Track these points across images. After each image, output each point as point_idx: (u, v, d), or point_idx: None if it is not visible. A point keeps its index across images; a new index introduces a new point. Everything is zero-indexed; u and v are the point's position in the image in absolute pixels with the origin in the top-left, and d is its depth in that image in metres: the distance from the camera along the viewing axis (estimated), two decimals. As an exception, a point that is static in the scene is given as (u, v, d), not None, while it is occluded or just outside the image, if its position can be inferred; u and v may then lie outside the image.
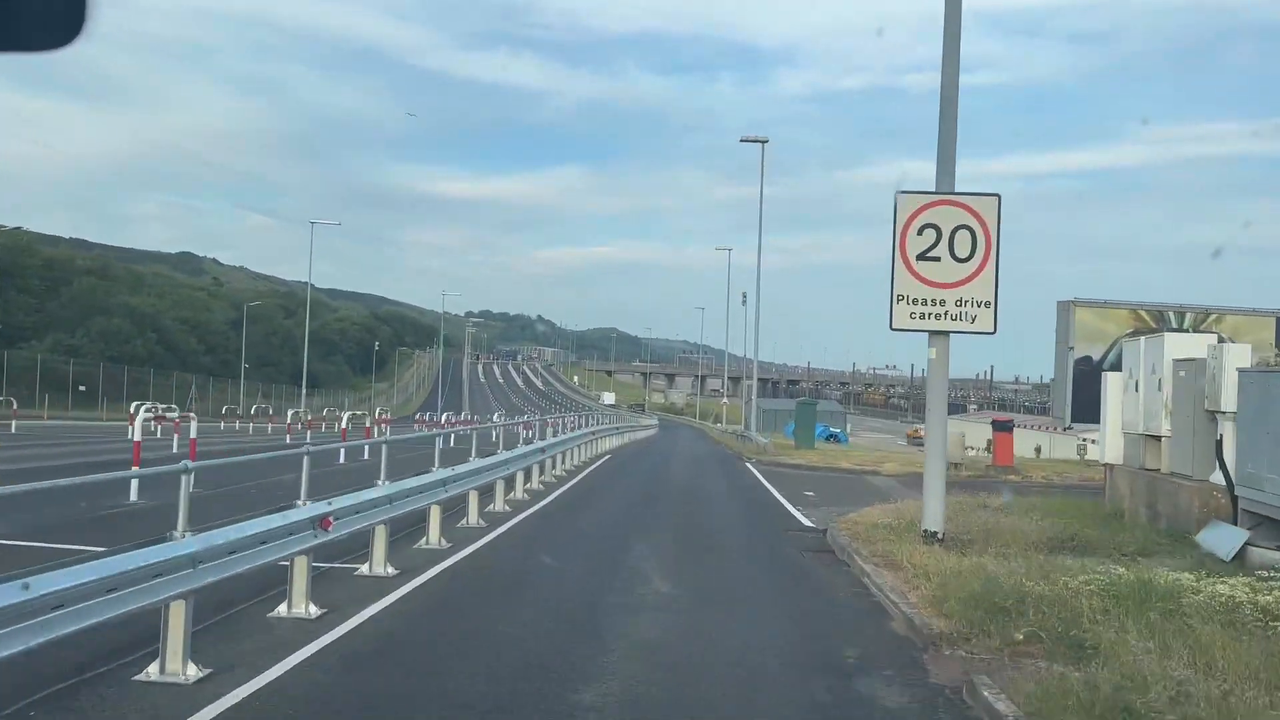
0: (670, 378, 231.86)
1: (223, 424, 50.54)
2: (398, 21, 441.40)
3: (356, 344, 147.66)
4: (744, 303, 64.13)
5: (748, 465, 36.44)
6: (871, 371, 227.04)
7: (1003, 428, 33.97)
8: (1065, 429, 32.10)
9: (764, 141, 47.80)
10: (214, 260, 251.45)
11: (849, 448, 54.39)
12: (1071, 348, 24.85)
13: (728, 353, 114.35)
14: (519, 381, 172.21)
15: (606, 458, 37.73)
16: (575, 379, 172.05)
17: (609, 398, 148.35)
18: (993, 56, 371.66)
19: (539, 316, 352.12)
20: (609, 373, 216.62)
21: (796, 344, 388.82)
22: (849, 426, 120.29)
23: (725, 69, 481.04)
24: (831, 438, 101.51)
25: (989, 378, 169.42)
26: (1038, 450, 48.96)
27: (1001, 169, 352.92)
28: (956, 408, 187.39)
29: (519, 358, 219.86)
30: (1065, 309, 25.14)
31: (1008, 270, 12.16)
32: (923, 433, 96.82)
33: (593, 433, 36.50)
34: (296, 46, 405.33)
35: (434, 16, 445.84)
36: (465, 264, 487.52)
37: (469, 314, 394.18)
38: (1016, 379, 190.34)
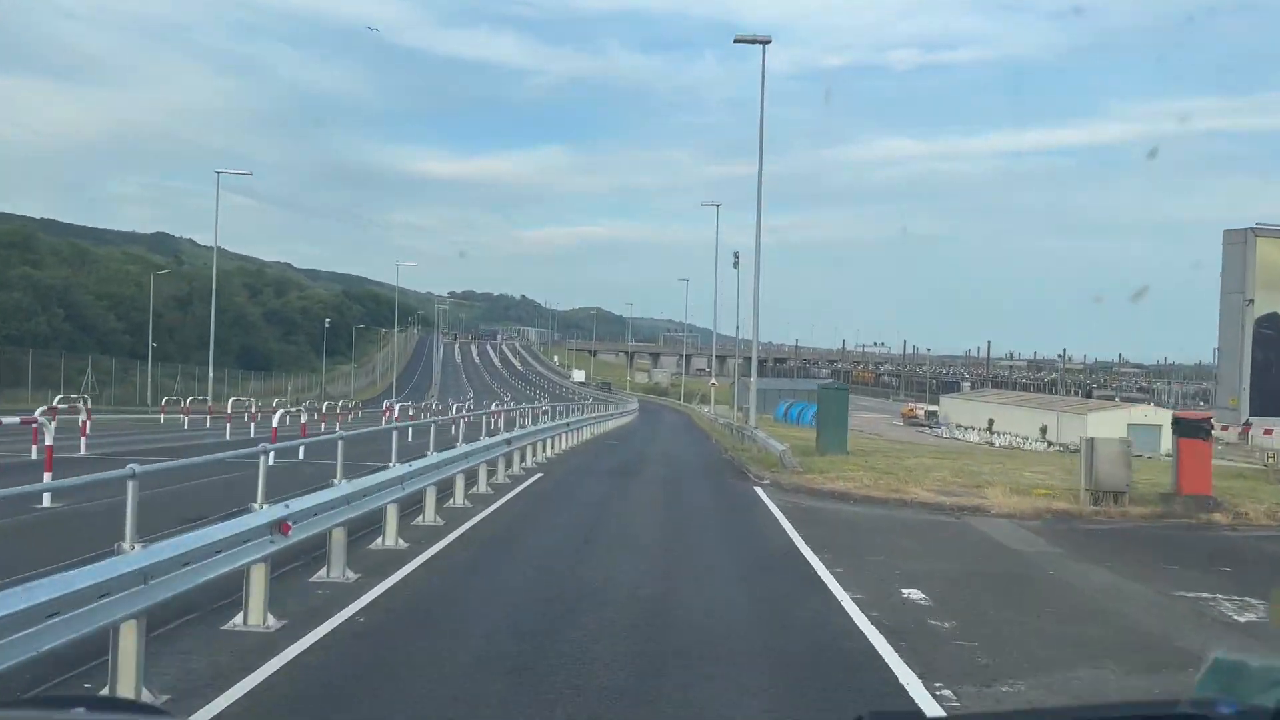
0: (655, 357, 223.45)
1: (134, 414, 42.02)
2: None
3: (323, 323, 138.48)
4: (736, 265, 54.80)
5: (759, 493, 21.50)
6: (860, 349, 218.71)
7: (1195, 431, 17.67)
8: (1241, 427, 21.93)
9: (766, 42, 36.20)
10: (190, 240, 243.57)
11: (868, 438, 45.56)
12: (1250, 300, 15.96)
13: (715, 332, 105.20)
14: (496, 362, 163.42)
15: (559, 463, 28.54)
16: (555, 359, 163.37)
17: (578, 375, 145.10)
18: (975, 33, 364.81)
19: (523, 296, 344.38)
20: (592, 352, 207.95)
21: (781, 322, 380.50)
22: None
23: (708, 46, 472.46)
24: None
25: (985, 354, 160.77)
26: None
27: (982, 147, 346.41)
28: (950, 385, 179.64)
29: (498, 337, 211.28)
30: (1238, 241, 16.16)
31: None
32: (918, 411, 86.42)
33: (536, 432, 27.31)
34: (275, 24, 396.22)
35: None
36: (448, 244, 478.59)
37: (451, 294, 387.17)
38: (1011, 355, 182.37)
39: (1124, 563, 12.76)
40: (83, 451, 21.21)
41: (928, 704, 6.65)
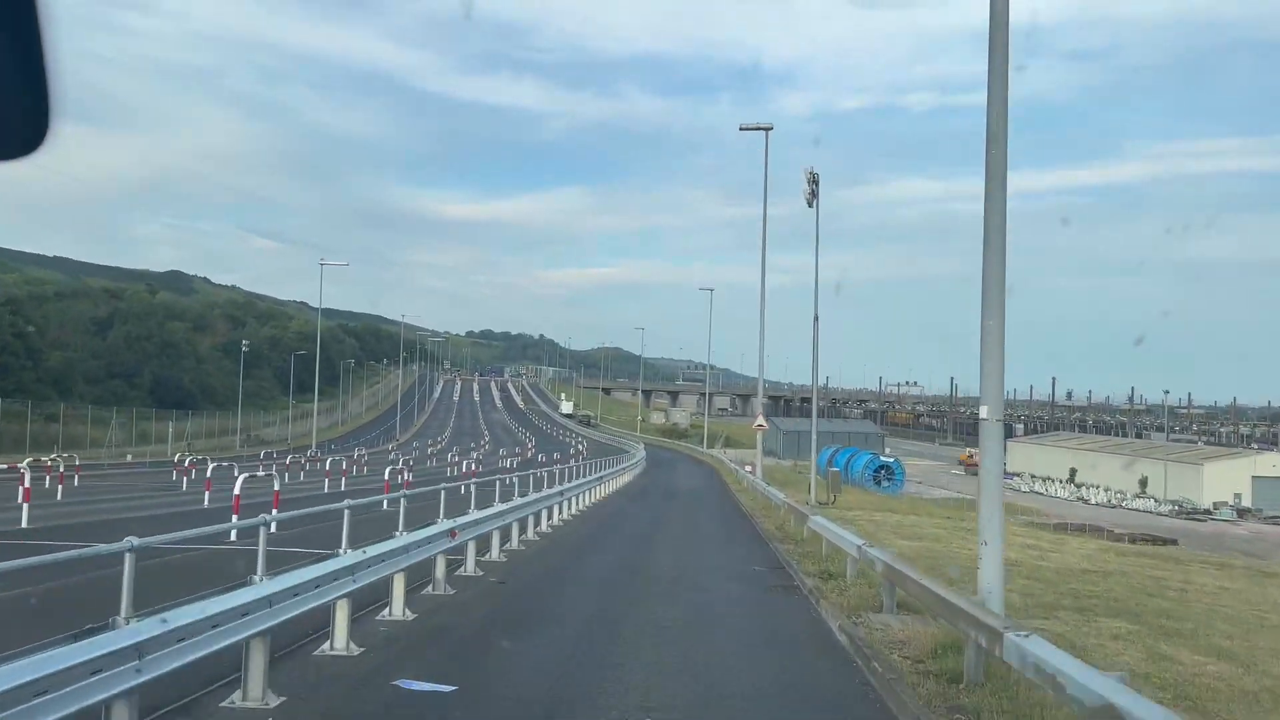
0: (673, 396, 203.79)
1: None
2: (399, 45, 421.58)
3: (308, 356, 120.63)
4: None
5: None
6: (899, 389, 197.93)
7: None
8: None
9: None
10: (204, 279, 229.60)
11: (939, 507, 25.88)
12: None
13: (762, 371, 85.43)
14: (497, 400, 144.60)
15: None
16: (562, 396, 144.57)
17: (566, 406, 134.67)
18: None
19: (541, 336, 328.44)
20: (606, 390, 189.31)
21: (798, 363, 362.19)
22: (886, 451, 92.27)
23: (725, 89, 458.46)
24: (882, 471, 72.80)
25: (1050, 395, 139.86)
26: None
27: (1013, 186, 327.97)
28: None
29: (504, 374, 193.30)
30: None
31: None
32: (976, 459, 44.79)
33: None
34: (300, 70, 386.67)
35: (435, 40, 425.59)
36: (469, 284, 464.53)
37: (469, 333, 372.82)
38: (1069, 394, 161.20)
39: None
40: None
41: None
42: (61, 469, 29.49)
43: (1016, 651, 6.71)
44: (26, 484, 20.75)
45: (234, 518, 14.93)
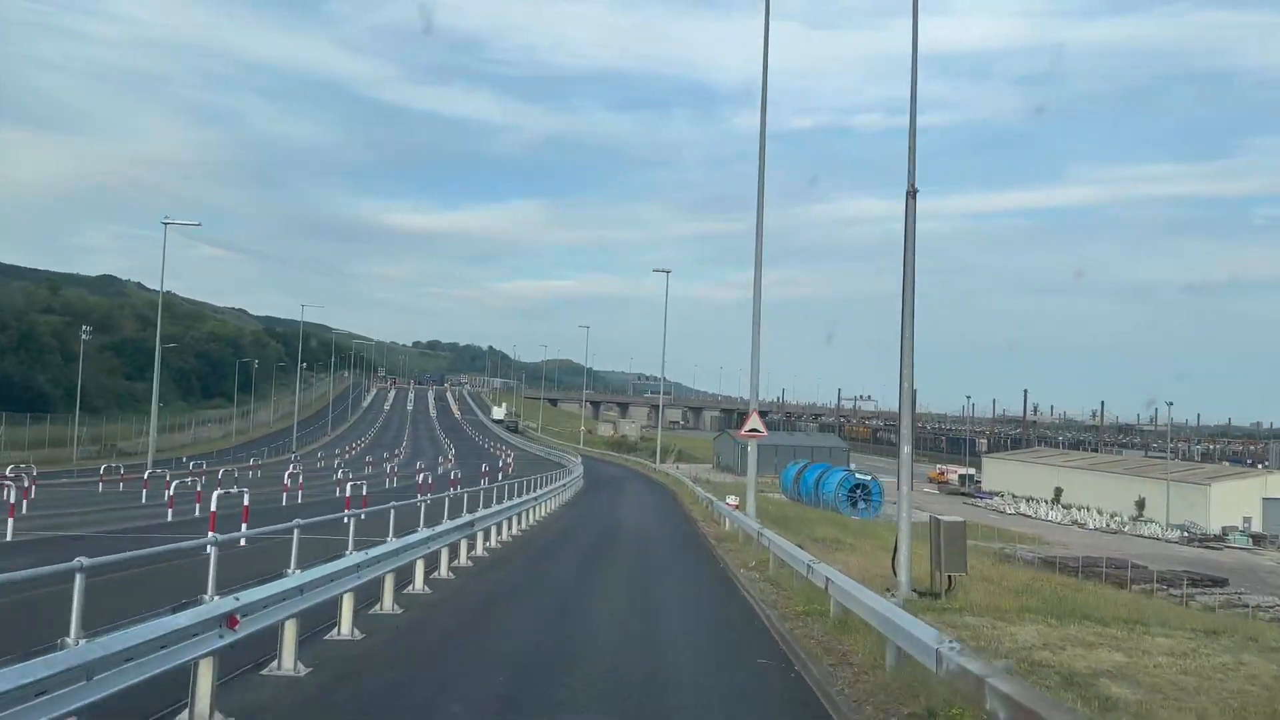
0: (623, 407, 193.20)
1: None
2: (352, 54, 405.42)
3: (211, 360, 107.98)
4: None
5: None
6: (854, 403, 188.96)
7: None
8: None
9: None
10: (138, 284, 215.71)
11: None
12: None
13: (756, 355, 74.97)
14: (431, 408, 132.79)
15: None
16: (503, 405, 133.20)
17: (498, 412, 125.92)
18: (942, 97, 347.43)
19: (490, 348, 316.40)
20: (553, 401, 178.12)
21: (748, 376, 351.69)
22: (851, 465, 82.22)
23: (679, 106, 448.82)
24: (858, 491, 62.71)
25: (1024, 410, 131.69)
26: None
27: (948, 207, 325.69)
28: (956, 443, 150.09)
29: (445, 383, 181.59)
30: None
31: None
32: (949, 476, 52.99)
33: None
34: (249, 77, 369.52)
35: (389, 50, 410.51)
36: (421, 296, 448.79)
37: (417, 344, 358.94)
38: (1035, 409, 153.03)
39: None
40: None
41: None
42: None
43: None
44: None
45: None
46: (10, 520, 19.60)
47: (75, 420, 57.60)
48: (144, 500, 29.68)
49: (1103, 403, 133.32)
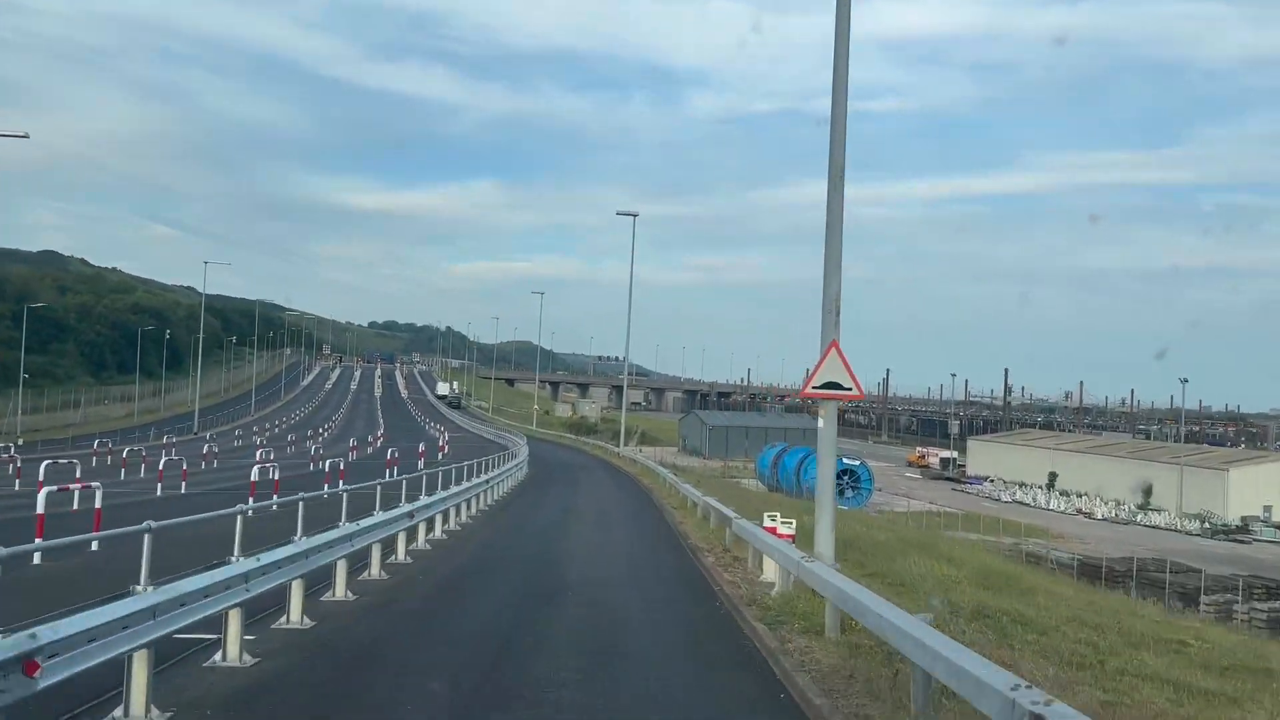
0: (583, 388, 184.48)
1: None
2: (304, 30, 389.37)
3: (129, 334, 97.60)
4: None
5: None
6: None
7: None
8: None
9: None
10: (82, 260, 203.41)
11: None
12: None
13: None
14: (377, 386, 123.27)
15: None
16: (454, 384, 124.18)
17: (443, 388, 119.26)
18: (896, 83, 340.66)
19: (448, 328, 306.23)
20: (510, 381, 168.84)
21: (713, 360, 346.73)
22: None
23: (638, 89, 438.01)
24: (845, 478, 54.80)
25: (1007, 391, 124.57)
26: None
27: (904, 193, 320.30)
28: (930, 425, 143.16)
29: (396, 361, 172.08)
30: None
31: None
32: (930, 460, 56.27)
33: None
34: (200, 52, 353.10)
35: (342, 26, 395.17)
36: (376, 277, 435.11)
37: (373, 324, 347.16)
38: (1008, 392, 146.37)
39: None
40: None
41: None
42: None
43: None
44: None
45: None
46: None
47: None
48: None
49: (1081, 383, 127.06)
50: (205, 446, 41.81)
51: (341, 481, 21.15)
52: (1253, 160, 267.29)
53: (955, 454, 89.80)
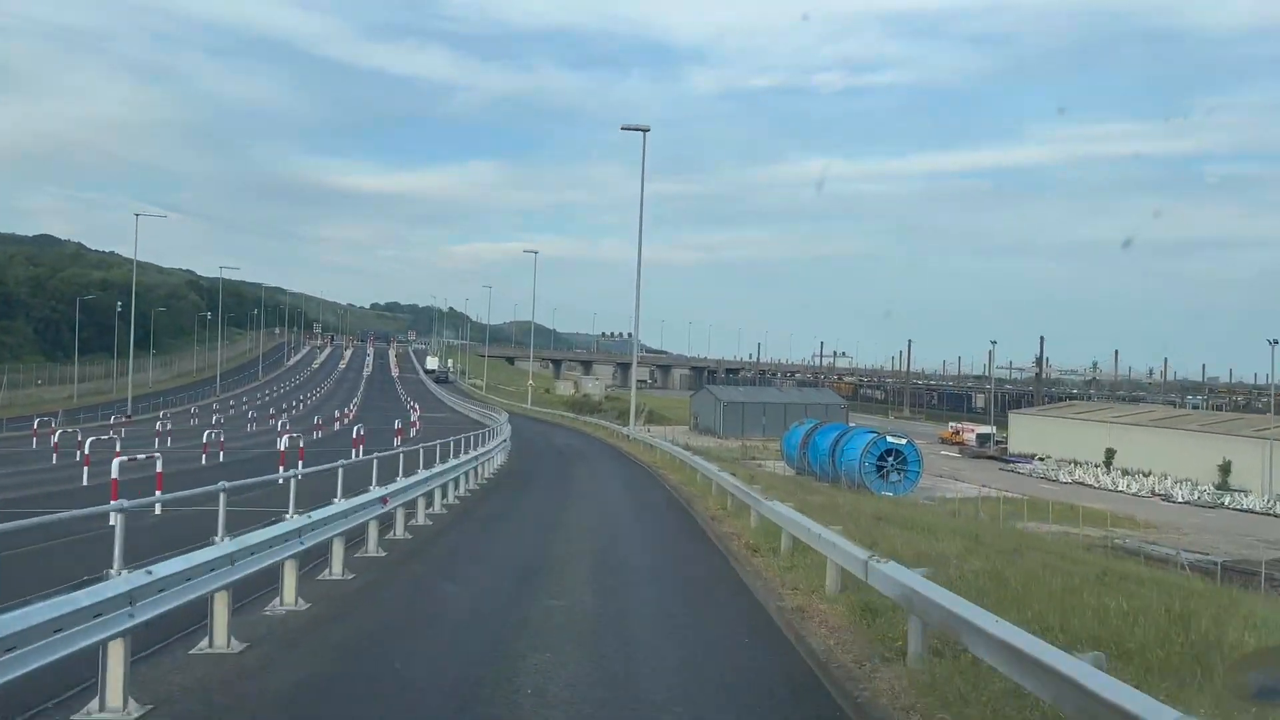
0: (587, 365, 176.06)
1: None
2: (299, 10, 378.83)
3: (93, 313, 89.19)
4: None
5: None
6: (833, 359, 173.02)
7: None
8: None
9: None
10: (78, 244, 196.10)
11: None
12: None
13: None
14: (368, 365, 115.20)
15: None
16: (450, 363, 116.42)
17: (432, 362, 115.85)
18: (897, 56, 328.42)
19: (450, 309, 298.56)
20: (510, 360, 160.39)
21: (717, 337, 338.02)
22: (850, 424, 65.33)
23: (636, 65, 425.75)
24: (889, 458, 46.33)
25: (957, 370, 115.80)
26: None
27: (905, 167, 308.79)
28: (955, 400, 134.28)
29: (389, 340, 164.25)
30: None
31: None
32: (966, 436, 54.25)
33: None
34: (196, 35, 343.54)
35: (337, 5, 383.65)
36: (377, 259, 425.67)
37: (375, 305, 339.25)
38: (1010, 363, 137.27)
39: None
40: None
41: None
42: None
43: None
44: None
45: None
46: None
47: None
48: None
49: (1116, 352, 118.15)
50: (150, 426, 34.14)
51: (301, 463, 19.89)
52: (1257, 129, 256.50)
53: (993, 429, 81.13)
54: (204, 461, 26.10)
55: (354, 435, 26.53)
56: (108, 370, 70.75)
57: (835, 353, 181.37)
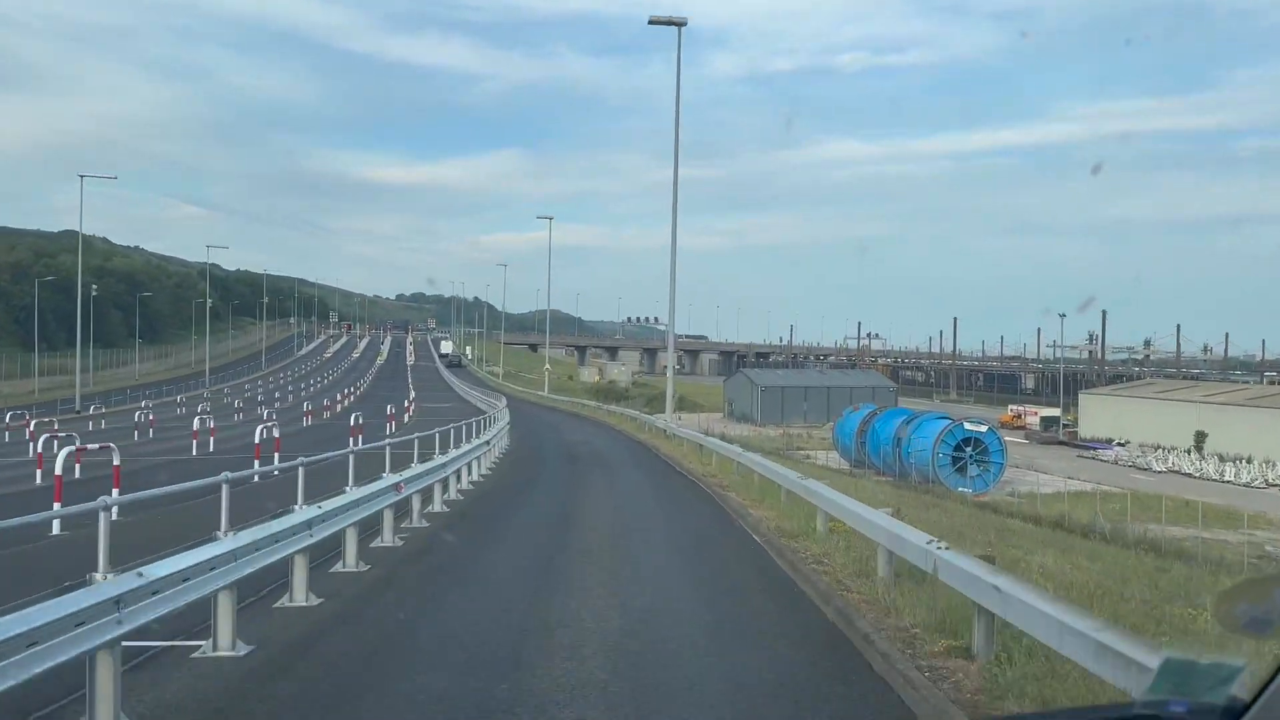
0: (612, 351, 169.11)
1: None
2: (321, 3, 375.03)
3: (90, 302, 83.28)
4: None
5: None
6: (868, 341, 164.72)
7: None
8: None
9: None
10: (103, 239, 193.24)
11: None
12: None
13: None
14: (383, 353, 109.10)
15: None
16: (468, 350, 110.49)
17: (446, 346, 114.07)
18: (922, 35, 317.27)
19: (475, 298, 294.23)
20: (533, 347, 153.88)
21: (747, 320, 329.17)
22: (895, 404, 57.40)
23: (656, 51, 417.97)
24: (967, 448, 38.81)
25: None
26: None
27: (931, 148, 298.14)
28: (1006, 380, 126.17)
29: (408, 328, 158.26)
30: None
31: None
32: (1027, 419, 50.38)
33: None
34: (219, 30, 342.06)
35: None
36: (403, 250, 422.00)
37: (400, 296, 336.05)
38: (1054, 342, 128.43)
39: None
40: None
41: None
42: None
43: None
44: None
45: None
46: None
47: None
48: None
49: (1179, 326, 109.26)
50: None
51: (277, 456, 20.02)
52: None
53: (1057, 413, 73.18)
54: (194, 452, 25.63)
55: (352, 423, 25.64)
56: (85, 364, 64.49)
57: (870, 334, 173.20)
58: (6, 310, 68.71)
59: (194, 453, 25.99)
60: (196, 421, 28.30)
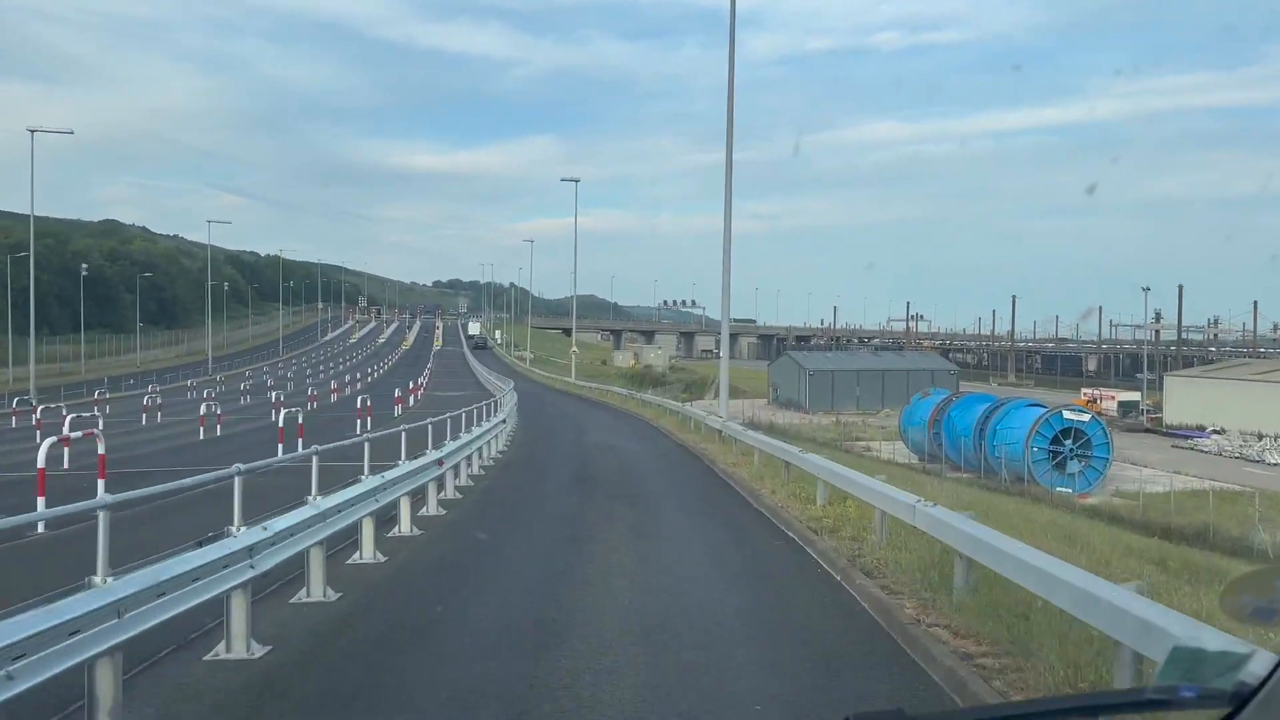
0: (648, 335, 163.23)
1: None
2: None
3: (98, 285, 78.96)
4: None
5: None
6: (915, 322, 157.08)
7: None
8: None
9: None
10: (142, 228, 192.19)
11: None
12: None
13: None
14: (406, 342, 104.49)
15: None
16: (498, 334, 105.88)
17: (474, 327, 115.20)
18: (959, 12, 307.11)
19: (510, 284, 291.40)
20: (566, 331, 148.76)
21: (787, 304, 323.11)
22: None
23: (689, 34, 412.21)
24: (1069, 437, 31.92)
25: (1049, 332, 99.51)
26: None
27: (970, 128, 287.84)
28: (1068, 362, 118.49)
29: (437, 312, 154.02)
30: None
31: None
32: (1102, 404, 35.74)
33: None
34: (254, 21, 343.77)
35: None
36: (439, 238, 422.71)
37: (436, 283, 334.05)
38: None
39: None
40: None
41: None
42: None
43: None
44: None
45: None
46: None
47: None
48: None
49: (1256, 303, 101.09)
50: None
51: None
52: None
53: (1138, 397, 66.15)
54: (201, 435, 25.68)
55: (357, 406, 25.64)
56: (84, 350, 59.96)
57: (914, 316, 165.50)
58: (9, 294, 64.46)
59: (201, 436, 25.97)
60: (203, 408, 28.09)
